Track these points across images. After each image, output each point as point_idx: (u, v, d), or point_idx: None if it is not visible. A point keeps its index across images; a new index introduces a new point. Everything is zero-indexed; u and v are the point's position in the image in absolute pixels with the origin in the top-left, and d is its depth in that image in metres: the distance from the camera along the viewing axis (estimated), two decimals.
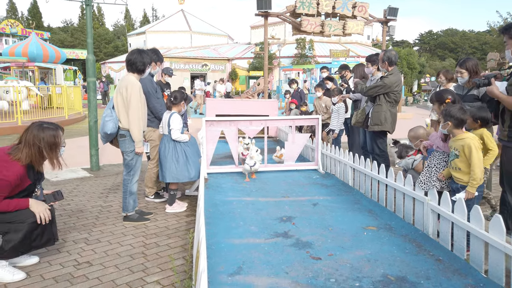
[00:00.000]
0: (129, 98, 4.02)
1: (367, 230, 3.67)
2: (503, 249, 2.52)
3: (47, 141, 3.02)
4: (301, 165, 6.36)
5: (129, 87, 4.05)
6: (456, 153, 3.25)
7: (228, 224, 3.86)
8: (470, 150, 3.14)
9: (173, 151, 4.58)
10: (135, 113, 4.02)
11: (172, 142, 4.61)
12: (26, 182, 3.04)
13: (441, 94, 3.76)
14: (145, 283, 2.91)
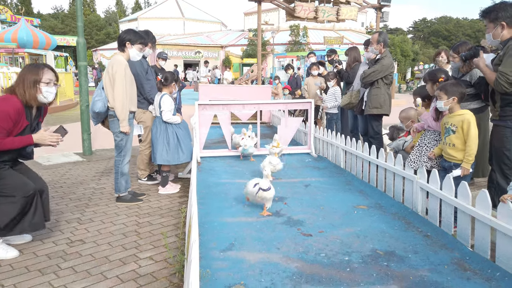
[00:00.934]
0: (114, 75, 4.03)
1: (357, 209, 3.72)
2: (489, 222, 2.58)
3: (30, 74, 3.08)
4: (294, 149, 6.39)
5: (114, 65, 4.06)
6: (453, 129, 3.28)
7: (220, 204, 3.90)
8: (469, 126, 3.18)
9: (165, 133, 4.58)
10: (119, 91, 4.02)
11: (164, 124, 4.60)
12: (24, 122, 3.05)
13: (434, 73, 3.79)
14: (138, 259, 2.94)
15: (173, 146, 4.58)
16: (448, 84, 3.37)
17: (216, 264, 2.66)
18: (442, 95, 3.34)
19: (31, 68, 3.15)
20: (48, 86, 3.14)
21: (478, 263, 2.60)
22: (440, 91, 3.36)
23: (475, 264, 2.60)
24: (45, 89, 3.11)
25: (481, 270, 2.52)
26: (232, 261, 2.70)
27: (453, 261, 2.66)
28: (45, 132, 3.16)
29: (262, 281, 2.43)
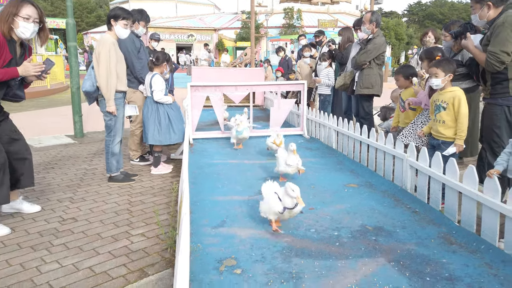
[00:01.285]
0: (98, 54, 4.00)
1: (348, 188, 3.77)
2: (475, 197, 2.63)
3: (10, 6, 3.01)
4: (286, 131, 6.40)
5: (99, 44, 4.03)
6: (444, 106, 3.30)
7: (213, 184, 3.92)
8: (460, 102, 3.21)
9: (156, 113, 4.56)
10: (102, 69, 3.98)
11: (155, 104, 4.58)
12: (8, 55, 3.01)
13: (431, 51, 3.80)
14: (130, 235, 2.97)
15: (164, 126, 4.56)
16: (444, 61, 3.37)
17: (208, 240, 2.69)
18: (439, 72, 3.33)
19: (13, 1, 3.05)
20: (26, 22, 3.04)
21: (464, 237, 2.66)
22: (437, 68, 3.35)
23: (461, 238, 2.66)
24: (22, 25, 3.02)
25: (466, 244, 2.58)
26: (224, 237, 2.73)
27: (440, 235, 2.71)
28: (29, 63, 3.08)
29: (253, 255, 2.47)
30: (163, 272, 2.47)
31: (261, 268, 2.31)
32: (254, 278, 2.21)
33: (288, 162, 3.59)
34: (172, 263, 2.58)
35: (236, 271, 2.29)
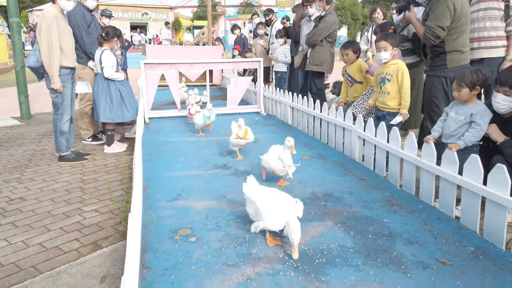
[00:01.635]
0: (39, 28, 3.82)
1: (301, 160, 3.90)
2: (414, 162, 2.83)
3: None
4: (244, 108, 6.46)
5: (41, 17, 3.85)
6: (388, 78, 3.47)
7: (169, 160, 3.92)
8: (403, 74, 3.39)
9: (107, 90, 4.43)
10: (44, 44, 3.81)
11: (106, 81, 4.44)
12: None
13: (385, 25, 3.96)
14: (82, 212, 2.93)
15: (116, 103, 4.45)
16: (390, 35, 3.53)
17: (163, 212, 2.72)
18: (387, 45, 3.47)
19: None
20: None
21: (405, 199, 2.87)
22: (386, 41, 3.47)
23: (402, 200, 2.87)
24: None
25: (406, 205, 2.80)
26: (179, 209, 2.77)
27: (383, 199, 2.91)
28: None
29: (208, 224, 2.53)
30: (117, 244, 2.48)
31: (216, 235, 2.39)
32: (208, 244, 2.28)
33: (281, 157, 3.02)
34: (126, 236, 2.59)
35: (191, 239, 2.35)
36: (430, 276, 1.96)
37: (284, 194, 2.36)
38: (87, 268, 2.21)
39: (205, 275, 1.97)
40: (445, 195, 2.58)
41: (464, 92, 2.73)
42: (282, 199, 2.29)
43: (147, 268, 2.03)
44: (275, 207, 2.23)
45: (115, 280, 2.11)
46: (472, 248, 2.21)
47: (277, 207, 2.22)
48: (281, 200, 2.29)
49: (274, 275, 1.97)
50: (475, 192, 2.31)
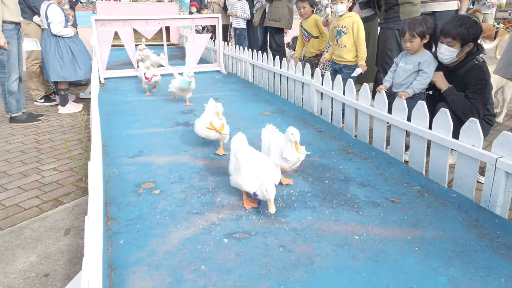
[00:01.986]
0: None
1: (262, 115, 3.97)
2: (368, 111, 2.98)
3: None
4: (203, 67, 6.36)
5: None
6: (344, 31, 3.53)
7: (128, 119, 3.85)
8: (358, 27, 3.46)
9: (56, 47, 4.19)
10: None
11: (54, 38, 4.18)
12: None
13: None
14: (40, 171, 2.87)
15: (67, 61, 4.23)
16: None
17: (125, 168, 2.72)
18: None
19: None
20: None
21: (359, 147, 3.03)
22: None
23: (357, 148, 3.04)
24: None
25: (360, 152, 2.97)
26: (141, 165, 2.78)
27: (340, 148, 3.06)
28: None
29: (171, 177, 2.57)
30: (80, 199, 2.48)
31: (179, 187, 2.44)
32: (172, 196, 2.33)
33: (285, 154, 2.33)
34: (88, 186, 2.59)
35: (154, 192, 2.39)
36: (380, 213, 2.14)
37: (268, 161, 2.25)
38: (50, 223, 2.21)
39: (170, 223, 2.03)
40: (396, 141, 2.76)
41: (416, 42, 2.85)
42: (264, 164, 2.19)
43: (112, 219, 2.06)
44: (255, 170, 2.13)
45: (80, 232, 2.13)
46: (419, 187, 2.42)
47: (257, 170, 2.13)
48: (262, 165, 2.18)
49: (237, 220, 2.06)
50: (421, 136, 2.49)
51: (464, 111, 2.64)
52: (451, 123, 2.29)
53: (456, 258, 1.76)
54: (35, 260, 1.90)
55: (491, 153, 2.06)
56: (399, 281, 1.61)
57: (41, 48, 4.26)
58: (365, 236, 1.92)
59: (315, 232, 1.95)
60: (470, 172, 2.20)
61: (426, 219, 2.07)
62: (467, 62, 2.72)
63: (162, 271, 1.66)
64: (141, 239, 1.89)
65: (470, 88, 2.67)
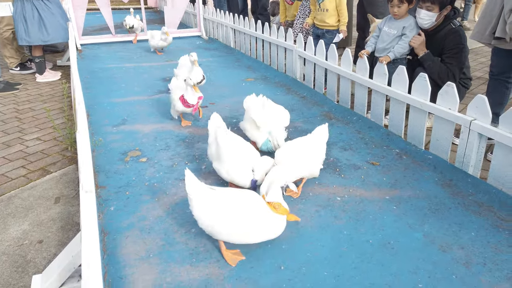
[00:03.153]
0: None
1: (245, 82, 3.98)
2: (349, 77, 3.03)
3: None
4: (184, 32, 6.22)
5: None
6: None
7: (109, 87, 3.79)
8: None
9: (21, 10, 3.98)
10: None
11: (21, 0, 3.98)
12: None
13: None
14: (24, 141, 2.84)
15: (32, 24, 4.02)
16: None
17: (110, 137, 2.72)
18: None
19: None
20: None
21: (341, 112, 3.10)
22: None
23: (339, 113, 3.11)
24: None
25: (342, 117, 3.04)
26: (126, 133, 2.78)
27: (322, 114, 3.13)
28: None
29: (157, 145, 2.60)
30: (67, 168, 2.49)
31: (166, 154, 2.47)
32: (159, 163, 2.36)
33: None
34: (75, 160, 2.60)
35: (142, 160, 2.42)
36: (361, 175, 2.24)
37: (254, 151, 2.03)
38: (39, 192, 2.23)
39: (159, 189, 2.08)
40: (376, 106, 2.84)
41: (403, 7, 2.88)
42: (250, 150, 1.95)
43: (101, 187, 2.10)
44: (243, 158, 1.90)
45: (70, 200, 2.16)
46: (397, 150, 2.52)
47: (244, 158, 1.90)
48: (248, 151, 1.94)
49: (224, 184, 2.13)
50: (401, 101, 2.57)
51: (441, 75, 2.72)
52: (429, 87, 2.37)
53: (431, 215, 1.88)
54: (28, 228, 1.94)
55: (466, 116, 2.16)
56: (378, 238, 1.73)
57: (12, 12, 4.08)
58: (347, 197, 2.02)
59: (299, 194, 2.04)
60: (446, 134, 2.31)
61: (404, 180, 2.19)
62: (445, 26, 2.77)
63: (154, 235, 1.73)
64: (131, 206, 1.94)
65: (447, 52, 2.74)
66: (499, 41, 2.52)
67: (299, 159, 1.94)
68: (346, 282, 1.49)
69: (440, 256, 1.62)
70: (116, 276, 1.52)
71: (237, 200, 1.55)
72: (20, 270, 1.68)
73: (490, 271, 1.54)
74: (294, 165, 1.90)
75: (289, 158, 1.93)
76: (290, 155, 1.95)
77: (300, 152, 1.97)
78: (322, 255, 1.63)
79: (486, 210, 1.92)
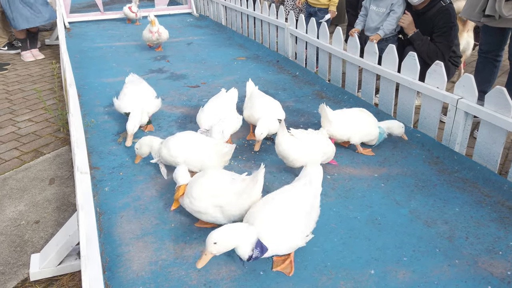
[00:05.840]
0: None
1: (237, 61, 3.96)
2: (341, 55, 3.03)
3: None
4: (174, 9, 6.12)
5: None
6: None
7: (99, 67, 3.76)
8: None
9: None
10: None
11: None
12: None
13: None
14: (15, 122, 2.83)
15: (16, 8, 3.98)
16: None
17: (103, 117, 2.72)
18: None
19: None
20: None
21: (333, 92, 3.13)
22: None
23: (330, 92, 3.13)
24: None
25: (334, 96, 3.06)
26: (118, 114, 2.77)
27: (314, 93, 3.15)
28: None
29: None
30: (60, 150, 2.50)
31: (158, 135, 2.48)
32: None
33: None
34: (68, 141, 2.61)
35: (134, 140, 2.43)
36: (351, 154, 2.29)
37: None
38: (33, 173, 2.25)
39: (152, 170, 2.11)
40: (367, 85, 2.86)
41: None
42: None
43: (95, 168, 2.12)
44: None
45: (65, 181, 2.19)
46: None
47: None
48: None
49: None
50: (390, 80, 2.59)
51: (429, 54, 2.74)
52: (418, 66, 2.39)
53: (418, 192, 1.95)
54: (24, 209, 1.97)
55: (453, 95, 2.20)
56: (366, 214, 1.79)
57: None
58: (336, 175, 2.08)
59: (290, 173, 2.09)
60: (434, 112, 2.35)
61: (392, 158, 2.24)
62: (435, 4, 2.77)
63: (148, 214, 1.77)
64: (126, 186, 1.98)
65: (437, 31, 2.75)
66: (489, 18, 2.54)
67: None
68: (335, 257, 1.56)
69: (425, 231, 1.69)
70: (113, 254, 1.56)
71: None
72: (18, 249, 1.72)
73: (471, 244, 1.61)
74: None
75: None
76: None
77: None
78: (312, 231, 1.69)
79: (470, 186, 1.99)
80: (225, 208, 1.55)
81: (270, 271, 1.49)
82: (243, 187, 1.57)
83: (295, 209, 1.43)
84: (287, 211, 1.42)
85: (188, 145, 1.94)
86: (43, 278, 1.60)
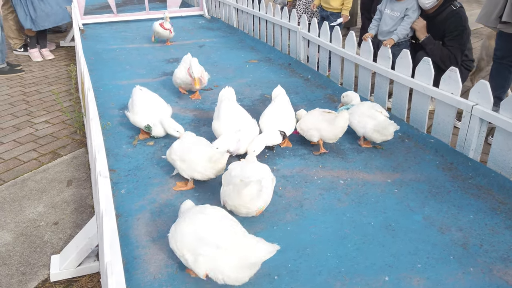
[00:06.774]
0: None
1: (249, 63, 3.98)
2: (354, 60, 3.04)
3: None
4: (186, 11, 6.16)
5: None
6: None
7: (113, 69, 3.81)
8: None
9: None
10: None
11: None
12: None
13: None
14: (33, 124, 2.89)
15: (32, 9, 4.05)
16: None
17: (117, 120, 2.77)
18: None
19: None
20: None
21: None
22: None
23: None
24: None
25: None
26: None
27: (326, 96, 3.16)
28: None
29: None
30: (77, 152, 2.55)
31: (173, 138, 2.51)
32: (167, 146, 2.41)
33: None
34: (84, 143, 2.66)
35: (149, 143, 2.47)
36: (364, 158, 2.30)
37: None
38: (51, 175, 2.30)
39: (167, 173, 2.15)
40: (379, 89, 2.86)
41: None
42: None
43: (111, 170, 2.16)
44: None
45: (82, 183, 2.23)
46: (400, 133, 2.56)
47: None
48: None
49: None
50: (404, 85, 2.59)
51: (442, 58, 2.74)
52: (432, 72, 2.39)
53: (431, 198, 1.95)
54: (43, 210, 2.02)
55: (468, 101, 2.19)
56: (379, 220, 1.80)
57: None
58: (350, 180, 2.09)
59: (303, 178, 2.10)
60: (448, 118, 2.35)
61: (405, 163, 2.24)
62: (446, 7, 2.76)
63: (164, 217, 1.80)
64: (142, 188, 2.01)
65: (448, 35, 2.74)
66: (505, 25, 2.52)
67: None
68: (348, 262, 1.57)
69: (439, 237, 1.70)
70: (130, 257, 1.60)
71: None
72: (38, 250, 1.77)
73: (486, 252, 1.61)
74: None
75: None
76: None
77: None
78: (326, 236, 1.70)
79: (485, 193, 1.98)
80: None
81: (284, 275, 1.51)
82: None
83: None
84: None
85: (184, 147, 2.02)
86: (62, 279, 1.63)
